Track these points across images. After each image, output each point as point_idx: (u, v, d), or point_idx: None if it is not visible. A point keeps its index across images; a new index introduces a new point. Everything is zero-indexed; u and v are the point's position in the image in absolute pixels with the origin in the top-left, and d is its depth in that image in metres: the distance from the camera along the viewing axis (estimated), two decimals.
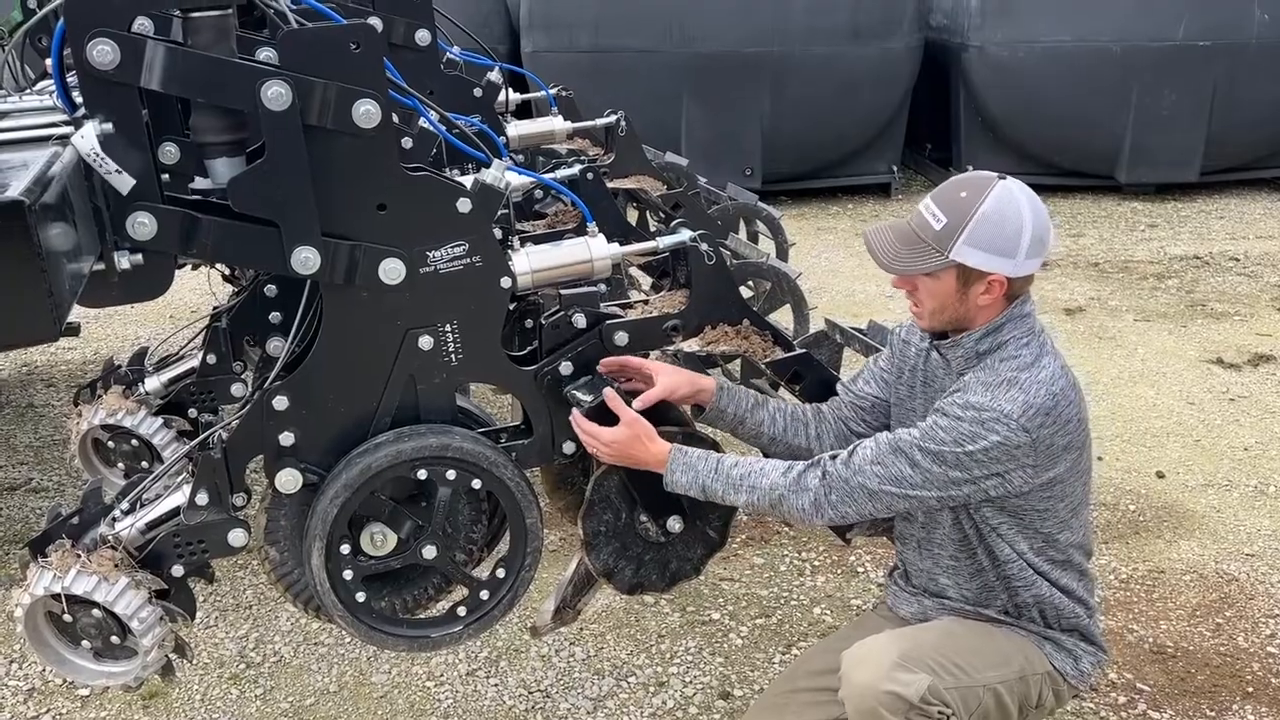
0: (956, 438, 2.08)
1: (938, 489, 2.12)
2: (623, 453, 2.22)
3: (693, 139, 8.76)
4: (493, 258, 2.11)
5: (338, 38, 1.89)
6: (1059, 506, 2.21)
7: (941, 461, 2.09)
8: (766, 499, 2.19)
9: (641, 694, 3.26)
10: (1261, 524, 4.10)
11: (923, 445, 2.11)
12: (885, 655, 2.17)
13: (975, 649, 2.25)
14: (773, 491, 2.18)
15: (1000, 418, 2.06)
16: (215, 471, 2.10)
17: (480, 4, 9.11)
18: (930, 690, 2.11)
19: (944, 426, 2.10)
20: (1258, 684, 3.23)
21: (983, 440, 2.07)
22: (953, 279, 2.15)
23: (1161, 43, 8.63)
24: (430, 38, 3.43)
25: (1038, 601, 2.28)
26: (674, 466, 2.22)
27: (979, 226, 2.10)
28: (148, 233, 1.90)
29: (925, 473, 2.10)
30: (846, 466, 2.16)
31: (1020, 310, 2.19)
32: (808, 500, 2.16)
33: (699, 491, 2.22)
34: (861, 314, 5.50)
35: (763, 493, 2.19)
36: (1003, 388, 2.10)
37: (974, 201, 2.11)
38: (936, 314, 2.21)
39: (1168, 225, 8.58)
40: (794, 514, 2.19)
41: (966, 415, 2.08)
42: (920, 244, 2.15)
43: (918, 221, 2.18)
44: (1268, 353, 5.79)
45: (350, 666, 3.41)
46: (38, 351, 6.10)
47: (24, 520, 4.34)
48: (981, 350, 2.19)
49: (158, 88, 1.85)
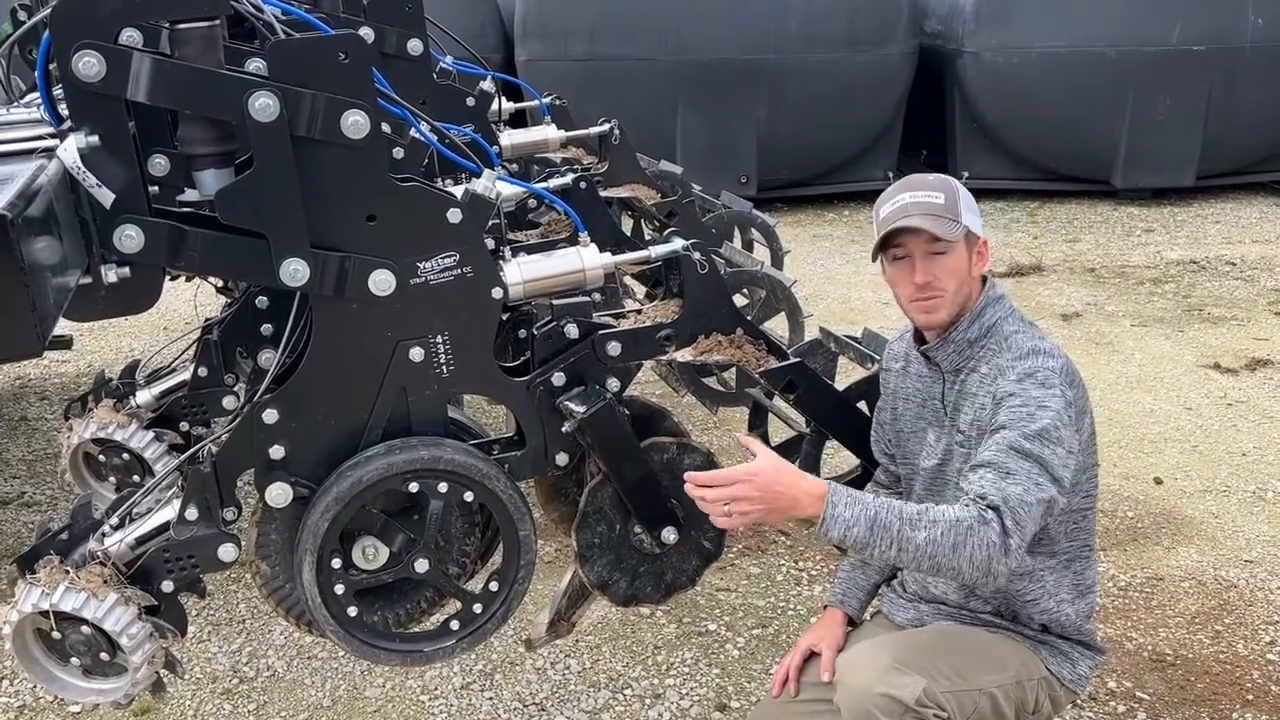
0: (1039, 404, 2.05)
1: (1055, 483, 2.02)
2: (768, 487, 1.94)
3: (688, 147, 8.77)
4: (484, 268, 2.09)
5: (326, 48, 1.87)
6: (1082, 478, 2.22)
7: (1046, 439, 2.02)
8: (950, 535, 1.92)
9: (638, 706, 3.24)
10: (1260, 530, 4.09)
11: (1025, 433, 2.02)
12: (880, 659, 2.17)
13: (971, 653, 2.24)
14: (959, 524, 1.93)
15: (1049, 378, 2.09)
16: (205, 486, 2.08)
17: (475, 13, 9.12)
18: (925, 693, 2.11)
19: (1018, 405, 2.06)
20: (1258, 691, 3.21)
21: (1053, 398, 2.06)
22: (964, 250, 2.21)
23: (1156, 48, 8.64)
24: (422, 47, 3.42)
25: (1035, 605, 2.27)
26: (835, 499, 1.94)
27: (965, 194, 2.21)
28: (135, 245, 1.88)
29: (1041, 463, 2.00)
30: (1001, 491, 1.97)
31: (994, 293, 2.26)
32: (994, 533, 1.93)
33: (866, 528, 1.93)
34: (857, 321, 5.49)
35: (946, 526, 1.93)
36: (1032, 355, 2.14)
37: (939, 176, 2.24)
38: (956, 295, 2.22)
39: (1164, 230, 8.58)
40: (979, 553, 1.92)
41: (1026, 382, 2.09)
42: (942, 218, 2.18)
43: (922, 205, 2.18)
44: (1265, 357, 5.78)
45: (344, 681, 3.39)
46: (31, 364, 6.09)
47: (16, 535, 4.31)
48: (972, 338, 2.21)
49: (144, 100, 1.83)
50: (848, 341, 2.78)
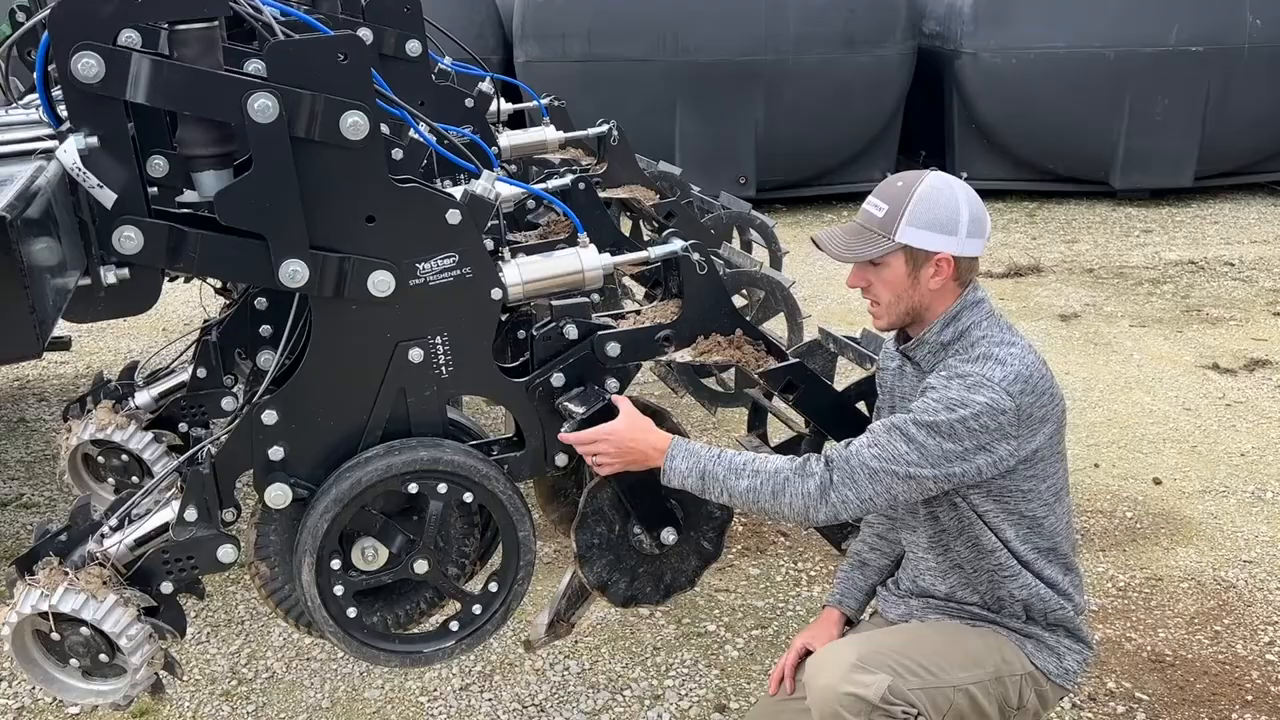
0: (947, 404, 2.08)
1: (932, 465, 2.08)
2: (622, 443, 2.16)
3: (687, 148, 8.77)
4: (483, 269, 2.09)
5: (325, 49, 1.87)
6: (1041, 487, 2.21)
7: (935, 432, 2.07)
8: (770, 484, 2.12)
9: (637, 707, 3.24)
10: (1259, 530, 4.09)
11: (916, 419, 2.10)
12: (843, 658, 2.18)
13: (942, 650, 2.24)
14: (777, 475, 2.12)
15: (984, 382, 2.09)
16: (204, 487, 2.08)
17: (473, 14, 9.12)
18: (891, 690, 2.11)
19: (933, 398, 2.11)
20: (1257, 692, 3.21)
21: (972, 404, 2.07)
22: (902, 264, 2.19)
23: (1155, 48, 8.65)
24: (421, 48, 3.42)
25: (1020, 594, 2.25)
26: (674, 452, 2.16)
27: (918, 207, 2.17)
28: (134, 247, 1.88)
29: (920, 448, 2.08)
30: (847, 448, 2.14)
31: (973, 297, 2.23)
32: (813, 484, 2.10)
33: (698, 478, 2.15)
34: (856, 322, 5.49)
35: (766, 476, 2.12)
36: (981, 360, 2.14)
37: (910, 187, 2.19)
38: (893, 306, 2.23)
39: (1162, 230, 8.58)
40: (796, 500, 2.11)
41: (952, 383, 2.11)
42: (866, 233, 2.21)
43: (862, 216, 2.24)
44: (1263, 357, 5.78)
45: (343, 682, 3.39)
46: (29, 366, 6.08)
47: (14, 536, 4.31)
48: (945, 340, 2.22)
49: (143, 101, 1.83)
50: (846, 342, 2.78)
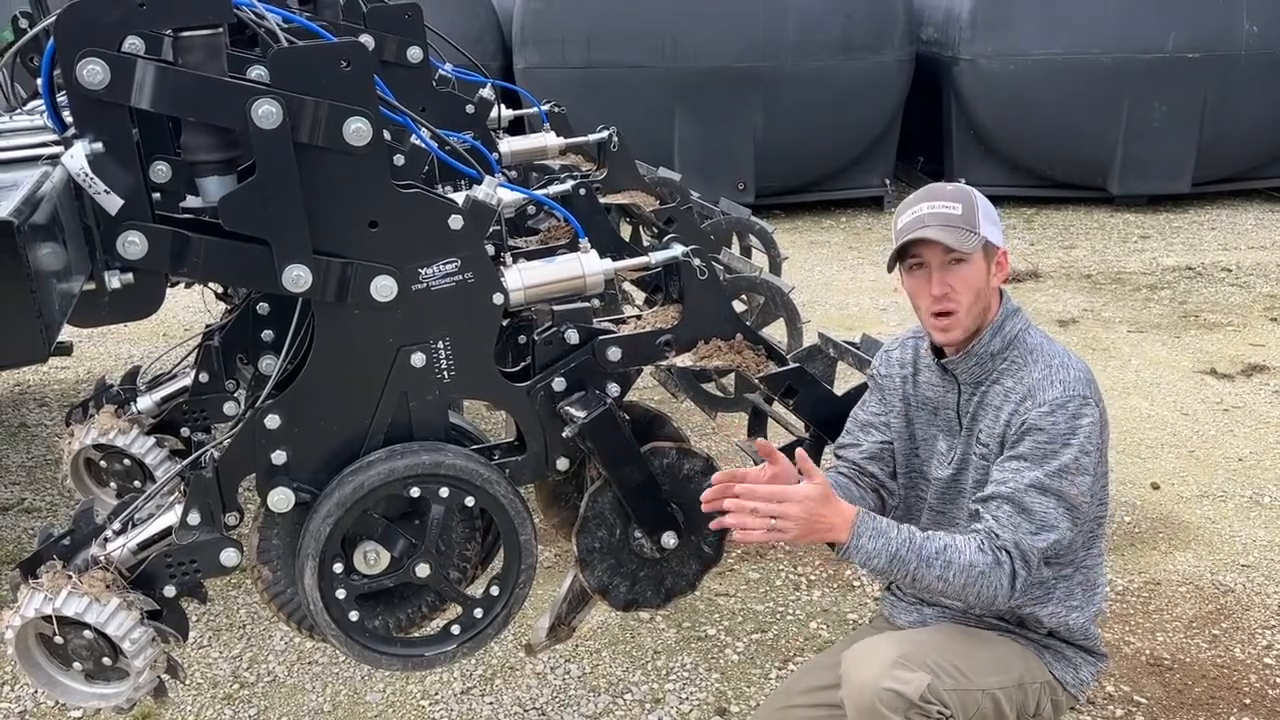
0: (1062, 440, 2.09)
1: (1078, 502, 2.11)
2: (813, 511, 2.02)
3: (686, 154, 8.79)
4: (485, 274, 2.10)
5: (328, 56, 1.88)
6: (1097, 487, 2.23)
7: (1067, 474, 2.09)
8: (963, 576, 2.06)
9: (637, 711, 3.24)
10: (1257, 534, 4.10)
11: (1048, 471, 2.09)
12: (886, 654, 2.17)
13: (975, 654, 2.25)
14: (972, 568, 2.06)
15: (1078, 398, 2.11)
16: (207, 491, 2.09)
17: (473, 21, 9.14)
18: (930, 689, 2.11)
19: (1043, 441, 2.11)
20: (1255, 695, 3.22)
21: (1080, 430, 2.10)
22: (982, 260, 2.20)
23: (1152, 55, 8.67)
24: (422, 55, 3.44)
25: (1043, 609, 2.27)
26: (861, 530, 2.05)
27: (983, 203, 2.20)
28: (138, 252, 1.90)
29: (1060, 496, 2.09)
30: (1008, 533, 2.09)
31: (1012, 305, 2.27)
32: (1004, 576, 2.07)
33: (886, 560, 2.06)
34: (855, 327, 5.51)
35: (959, 569, 2.06)
36: (1059, 370, 2.15)
37: (960, 187, 2.22)
38: (972, 308, 2.21)
39: (1160, 236, 8.60)
40: (985, 593, 2.08)
41: (1056, 414, 2.11)
42: (958, 229, 2.17)
43: (939, 214, 2.17)
44: (1261, 363, 5.80)
45: (345, 686, 3.40)
46: (30, 371, 6.08)
47: (16, 541, 4.32)
48: (995, 350, 2.22)
49: (148, 107, 1.84)
50: (846, 347, 2.79)
